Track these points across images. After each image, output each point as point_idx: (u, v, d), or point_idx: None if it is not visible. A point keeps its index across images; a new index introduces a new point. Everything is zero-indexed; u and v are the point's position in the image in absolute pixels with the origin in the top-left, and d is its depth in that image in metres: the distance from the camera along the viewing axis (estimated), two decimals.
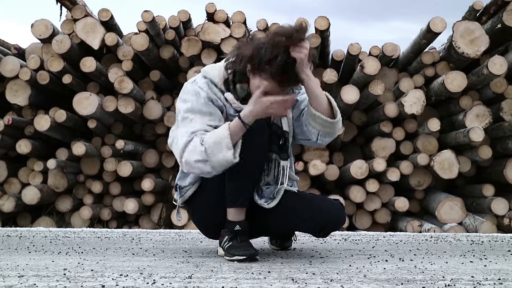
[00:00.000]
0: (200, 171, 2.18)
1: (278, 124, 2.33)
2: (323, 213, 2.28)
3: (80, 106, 4.71)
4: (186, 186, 2.38)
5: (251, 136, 2.19)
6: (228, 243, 2.26)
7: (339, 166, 4.96)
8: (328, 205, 2.33)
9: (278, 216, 2.31)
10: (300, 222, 2.30)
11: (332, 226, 2.33)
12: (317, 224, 2.29)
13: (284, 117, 2.33)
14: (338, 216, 2.32)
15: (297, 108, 2.37)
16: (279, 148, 2.33)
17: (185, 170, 2.24)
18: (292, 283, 1.75)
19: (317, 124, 2.28)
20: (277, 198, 2.30)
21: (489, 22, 4.80)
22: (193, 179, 2.36)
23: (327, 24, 4.74)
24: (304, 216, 2.29)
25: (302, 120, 2.34)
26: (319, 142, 2.35)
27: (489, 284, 1.78)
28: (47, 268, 2.05)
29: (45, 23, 4.85)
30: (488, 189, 4.70)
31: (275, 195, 2.31)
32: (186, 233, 3.48)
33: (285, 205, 2.29)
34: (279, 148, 2.33)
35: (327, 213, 2.29)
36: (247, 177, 2.24)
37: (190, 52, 4.88)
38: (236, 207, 2.26)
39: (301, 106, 2.36)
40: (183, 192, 2.39)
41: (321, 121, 2.27)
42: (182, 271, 1.98)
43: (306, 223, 2.29)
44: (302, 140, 2.43)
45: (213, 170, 2.15)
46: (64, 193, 4.96)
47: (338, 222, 2.33)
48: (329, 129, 2.30)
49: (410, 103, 4.69)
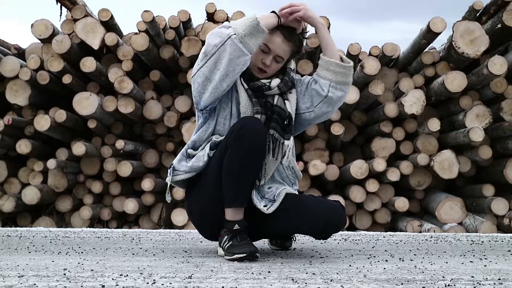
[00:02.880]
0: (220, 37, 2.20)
1: (282, 106, 2.35)
2: (323, 215, 2.27)
3: (80, 106, 4.71)
4: (179, 170, 2.37)
5: (244, 134, 2.18)
6: (228, 243, 2.26)
7: (339, 166, 4.96)
8: (328, 207, 2.32)
9: (279, 219, 2.30)
10: (301, 225, 2.29)
11: (332, 228, 2.32)
12: (317, 227, 2.28)
13: (287, 101, 2.37)
14: (338, 218, 2.31)
15: (301, 86, 2.43)
16: (282, 128, 2.34)
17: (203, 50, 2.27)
18: (292, 283, 1.75)
19: (330, 73, 2.34)
20: (277, 201, 2.29)
21: (489, 22, 4.80)
22: (188, 168, 2.34)
23: (327, 24, 4.74)
24: (304, 219, 2.28)
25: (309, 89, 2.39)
26: (330, 95, 2.35)
27: (489, 284, 1.78)
28: (47, 268, 2.05)
29: (45, 23, 4.86)
30: (488, 189, 4.70)
31: (275, 197, 2.31)
32: (186, 233, 3.48)
33: (286, 208, 2.29)
34: (282, 129, 2.34)
35: (328, 215, 2.28)
36: (244, 177, 2.23)
37: (190, 52, 4.88)
38: (234, 207, 2.26)
39: (305, 82, 2.43)
40: (175, 174, 2.37)
41: (334, 68, 2.34)
42: (182, 271, 1.98)
43: (307, 225, 2.28)
44: (308, 113, 2.41)
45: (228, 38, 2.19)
46: (64, 193, 4.96)
47: (339, 224, 2.33)
48: (341, 77, 2.35)
49: (410, 103, 4.69)
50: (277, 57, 2.34)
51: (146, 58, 4.99)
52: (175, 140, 5.03)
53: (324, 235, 2.34)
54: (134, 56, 4.90)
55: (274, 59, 2.34)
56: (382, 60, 4.87)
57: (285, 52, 2.34)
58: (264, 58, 2.33)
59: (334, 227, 2.32)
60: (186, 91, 5.07)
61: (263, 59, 2.33)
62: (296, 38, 2.35)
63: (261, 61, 2.33)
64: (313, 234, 2.34)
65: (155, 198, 4.91)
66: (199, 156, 2.33)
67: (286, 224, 2.31)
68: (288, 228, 2.35)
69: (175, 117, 4.91)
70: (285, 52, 2.34)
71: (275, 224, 2.33)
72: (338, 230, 2.36)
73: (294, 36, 2.34)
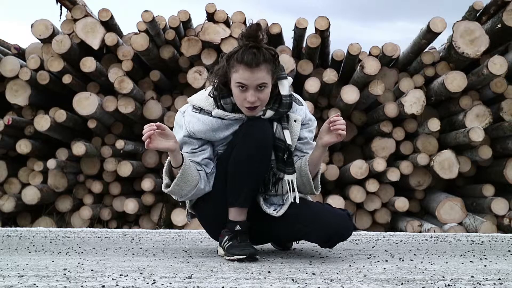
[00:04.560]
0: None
1: (282, 138, 2.28)
2: (331, 224, 2.26)
3: (80, 106, 4.71)
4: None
5: (251, 133, 2.19)
6: (228, 243, 2.26)
7: (339, 166, 4.96)
8: (336, 216, 2.30)
9: (287, 223, 2.30)
10: (308, 232, 2.29)
11: (339, 237, 2.31)
12: (324, 235, 2.27)
13: (286, 130, 2.28)
14: (346, 228, 2.30)
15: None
16: (283, 163, 2.28)
17: None
18: (292, 283, 1.75)
19: (300, 179, 2.32)
20: (286, 204, 2.30)
21: (489, 22, 4.80)
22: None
23: (327, 24, 4.74)
24: (312, 226, 2.27)
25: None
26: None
27: (489, 284, 1.78)
28: (47, 268, 2.05)
29: (45, 23, 4.85)
30: (488, 189, 4.70)
31: (284, 201, 2.32)
32: (186, 233, 3.48)
33: (294, 214, 2.29)
34: (283, 163, 2.28)
35: (335, 225, 2.27)
36: (246, 177, 2.22)
37: (190, 52, 4.88)
38: (236, 207, 2.26)
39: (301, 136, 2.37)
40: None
41: (306, 180, 2.31)
42: (182, 271, 1.98)
43: (314, 233, 2.28)
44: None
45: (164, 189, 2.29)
46: (64, 193, 4.96)
47: (345, 234, 2.31)
48: (304, 190, 2.35)
49: (410, 103, 4.69)
50: (258, 88, 2.16)
51: (146, 58, 4.99)
52: None
53: (330, 244, 2.33)
54: (134, 56, 4.90)
55: (256, 91, 2.16)
56: (382, 60, 4.86)
57: (263, 77, 2.15)
58: (246, 96, 2.16)
59: (341, 236, 2.31)
60: (186, 91, 5.07)
61: (246, 98, 2.16)
62: (263, 55, 2.15)
63: (245, 100, 2.17)
64: (319, 242, 2.33)
65: (155, 198, 4.91)
66: None
67: (294, 229, 2.31)
68: (296, 233, 2.34)
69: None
70: (263, 77, 2.15)
71: (283, 228, 2.32)
72: (344, 239, 2.34)
73: (259, 56, 2.14)
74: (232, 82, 2.19)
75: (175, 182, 2.21)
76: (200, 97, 2.31)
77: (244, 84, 2.15)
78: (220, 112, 2.24)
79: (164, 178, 2.27)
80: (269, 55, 2.18)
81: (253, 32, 2.18)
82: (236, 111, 2.24)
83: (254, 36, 2.18)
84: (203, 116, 2.25)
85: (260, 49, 2.16)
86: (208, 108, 2.26)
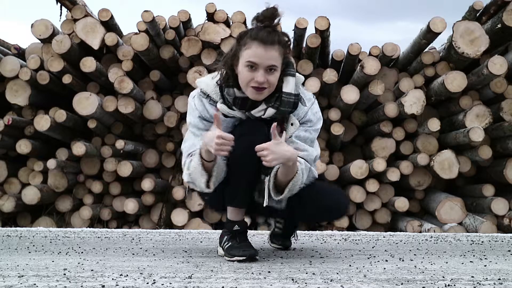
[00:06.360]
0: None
1: None
2: (332, 199, 2.36)
3: (80, 106, 4.71)
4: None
5: (243, 134, 2.17)
6: (227, 244, 2.26)
7: (339, 166, 4.96)
8: (334, 193, 2.45)
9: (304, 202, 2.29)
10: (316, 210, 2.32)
11: (337, 211, 2.41)
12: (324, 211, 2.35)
13: (284, 131, 2.19)
14: (343, 204, 2.42)
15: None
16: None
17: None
18: (292, 283, 1.75)
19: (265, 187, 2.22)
20: (266, 195, 2.24)
21: (489, 22, 4.80)
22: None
23: (327, 24, 4.74)
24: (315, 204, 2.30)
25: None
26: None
27: (489, 284, 1.78)
28: (47, 268, 2.05)
29: (45, 23, 4.85)
30: (488, 189, 4.70)
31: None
32: (186, 233, 3.48)
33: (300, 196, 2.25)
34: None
35: (336, 199, 2.38)
36: (239, 178, 2.21)
37: (190, 52, 4.88)
38: (233, 207, 2.27)
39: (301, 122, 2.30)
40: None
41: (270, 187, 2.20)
42: (182, 271, 1.98)
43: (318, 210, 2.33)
44: None
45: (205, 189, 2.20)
46: (64, 193, 4.96)
47: (342, 208, 2.41)
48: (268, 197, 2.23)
49: (410, 103, 4.69)
50: (268, 69, 2.09)
51: (146, 58, 4.98)
52: (175, 140, 5.03)
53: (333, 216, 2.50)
54: (134, 56, 4.90)
55: (266, 72, 2.08)
56: (382, 60, 4.86)
57: (276, 58, 2.09)
58: (255, 76, 2.08)
59: (337, 211, 2.41)
60: (186, 91, 5.07)
61: (255, 77, 2.08)
62: (278, 35, 2.10)
63: (253, 80, 2.08)
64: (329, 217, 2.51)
65: (155, 198, 4.91)
66: None
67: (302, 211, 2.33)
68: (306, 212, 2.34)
69: (175, 117, 4.91)
70: (276, 58, 2.09)
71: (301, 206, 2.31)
72: (343, 212, 2.46)
73: (274, 35, 2.09)
74: (241, 61, 2.11)
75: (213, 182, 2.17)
76: (209, 82, 2.25)
77: (254, 62, 2.07)
78: (224, 108, 2.21)
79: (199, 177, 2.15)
80: (284, 39, 2.13)
81: (269, 14, 2.12)
82: (237, 105, 2.19)
83: (270, 19, 2.12)
84: (208, 105, 2.24)
85: (275, 31, 2.11)
86: (215, 97, 2.22)
